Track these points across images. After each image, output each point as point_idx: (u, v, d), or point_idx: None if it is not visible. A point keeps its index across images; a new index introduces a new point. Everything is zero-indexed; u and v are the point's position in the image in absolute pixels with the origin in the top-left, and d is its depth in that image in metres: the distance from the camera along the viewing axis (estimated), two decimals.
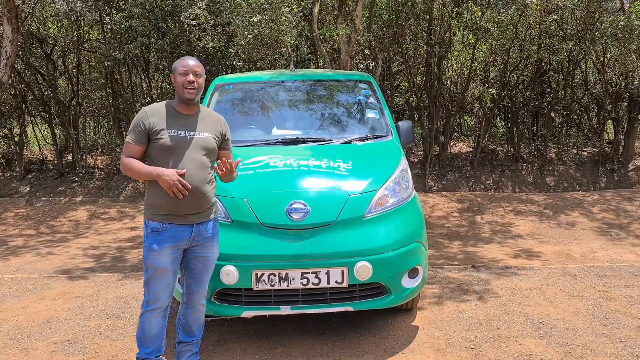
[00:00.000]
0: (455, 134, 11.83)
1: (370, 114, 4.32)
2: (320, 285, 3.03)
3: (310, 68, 10.04)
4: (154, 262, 2.71)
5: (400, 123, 4.15)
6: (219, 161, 2.80)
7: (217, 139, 2.84)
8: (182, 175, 2.65)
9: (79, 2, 7.47)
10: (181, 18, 7.39)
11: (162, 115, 2.74)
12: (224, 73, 8.72)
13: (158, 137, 2.69)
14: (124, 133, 9.48)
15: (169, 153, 2.69)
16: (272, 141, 3.88)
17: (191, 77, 2.72)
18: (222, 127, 2.91)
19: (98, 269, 5.41)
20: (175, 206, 2.70)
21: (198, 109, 2.85)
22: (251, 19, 6.87)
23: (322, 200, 3.16)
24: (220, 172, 2.78)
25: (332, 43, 9.59)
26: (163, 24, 8.40)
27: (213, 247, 2.89)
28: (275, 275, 3.01)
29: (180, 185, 2.62)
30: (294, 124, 4.22)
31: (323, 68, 8.97)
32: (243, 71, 8.60)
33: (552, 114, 10.69)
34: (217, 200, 3.19)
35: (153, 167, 2.68)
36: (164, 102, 2.83)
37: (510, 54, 9.77)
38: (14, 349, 3.44)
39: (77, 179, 9.79)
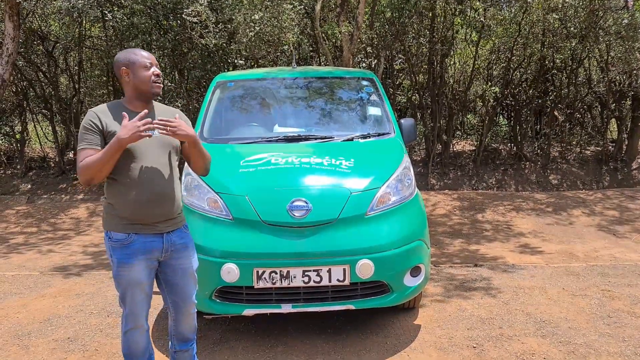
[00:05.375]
0: (458, 132, 11.82)
1: (373, 112, 4.29)
2: (321, 284, 3.01)
3: (312, 66, 10.02)
4: (126, 278, 2.41)
5: (402, 121, 4.13)
6: (160, 119, 2.37)
7: None
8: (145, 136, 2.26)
9: None
10: (183, 15, 7.37)
11: (113, 116, 2.40)
12: (225, 71, 8.70)
13: None
14: None
15: (128, 156, 2.35)
16: (274, 138, 3.86)
17: (157, 70, 2.46)
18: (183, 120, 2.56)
19: (99, 267, 5.40)
20: (142, 214, 2.40)
21: (152, 105, 2.53)
22: (253, 17, 6.84)
23: (324, 198, 3.13)
24: (164, 132, 2.36)
25: (334, 41, 9.56)
26: (164, 21, 8.37)
27: (190, 258, 2.60)
28: (276, 273, 2.99)
29: (143, 123, 2.25)
30: (295, 122, 4.20)
31: (325, 66, 8.94)
32: (244, 69, 8.58)
33: (555, 113, 10.65)
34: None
35: (108, 144, 2.28)
36: (109, 103, 2.50)
37: (514, 52, 9.73)
38: (15, 346, 3.44)
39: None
